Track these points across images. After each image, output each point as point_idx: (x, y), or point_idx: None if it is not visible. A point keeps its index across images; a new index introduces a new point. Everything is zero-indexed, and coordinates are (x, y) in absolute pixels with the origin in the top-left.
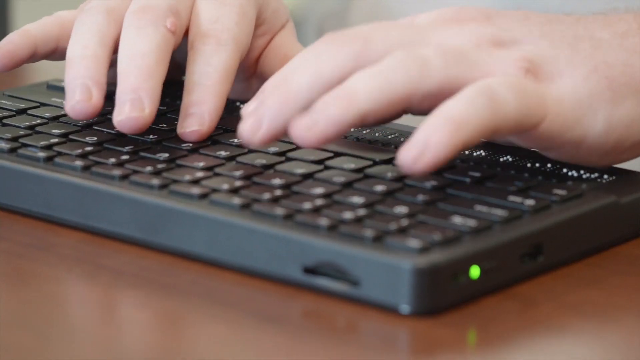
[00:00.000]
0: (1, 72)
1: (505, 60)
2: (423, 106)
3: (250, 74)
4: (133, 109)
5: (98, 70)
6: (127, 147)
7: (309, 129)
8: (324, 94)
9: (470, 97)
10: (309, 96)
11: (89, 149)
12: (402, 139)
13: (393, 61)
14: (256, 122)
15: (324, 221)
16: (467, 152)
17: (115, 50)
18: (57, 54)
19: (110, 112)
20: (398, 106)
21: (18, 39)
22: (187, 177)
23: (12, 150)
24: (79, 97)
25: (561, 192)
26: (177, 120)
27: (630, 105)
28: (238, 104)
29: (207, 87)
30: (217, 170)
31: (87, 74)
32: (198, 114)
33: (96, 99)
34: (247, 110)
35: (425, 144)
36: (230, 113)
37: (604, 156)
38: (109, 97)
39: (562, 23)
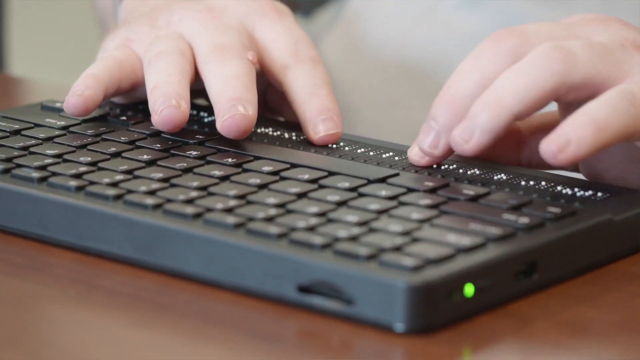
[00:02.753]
0: (79, 116)
1: None
2: (569, 98)
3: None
4: (237, 110)
5: (184, 91)
6: (121, 167)
7: (467, 141)
8: None
9: (614, 101)
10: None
11: (83, 169)
12: (396, 158)
13: (538, 56)
14: (433, 137)
15: (318, 240)
16: (461, 171)
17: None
18: (117, 93)
19: (104, 132)
20: (546, 100)
21: (93, 84)
22: (181, 197)
23: (6, 171)
24: (167, 104)
25: (555, 209)
26: (171, 141)
27: None
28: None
29: (325, 95)
30: (211, 189)
31: (174, 91)
32: (329, 118)
33: (184, 108)
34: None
35: (569, 139)
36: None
37: None
38: (105, 116)
39: None
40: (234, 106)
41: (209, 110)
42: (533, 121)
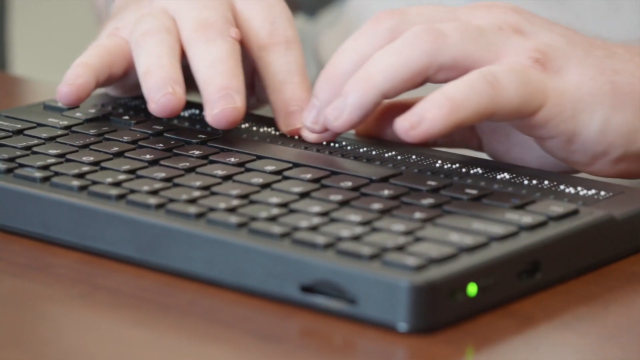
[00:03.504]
0: (72, 105)
1: (519, 47)
2: (439, 78)
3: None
4: (226, 102)
5: (176, 73)
6: (123, 167)
7: (337, 118)
8: None
9: (472, 81)
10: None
11: (85, 169)
12: (399, 157)
13: (409, 37)
14: (315, 113)
15: (320, 239)
16: (463, 170)
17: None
18: (109, 81)
19: (107, 132)
20: (415, 79)
21: (83, 72)
22: (184, 197)
23: (9, 171)
24: (164, 92)
25: (558, 209)
26: (173, 140)
27: (629, 114)
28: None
29: (297, 84)
30: (214, 189)
31: (167, 76)
32: (298, 110)
33: (179, 93)
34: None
35: (422, 117)
36: (228, 132)
37: (593, 159)
38: (107, 115)
39: (583, 35)
40: (223, 97)
41: None
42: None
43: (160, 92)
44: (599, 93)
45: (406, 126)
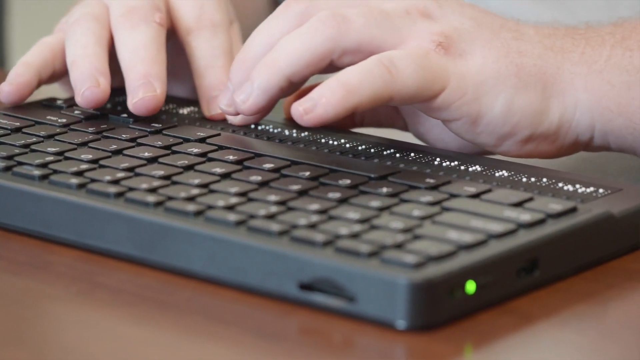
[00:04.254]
0: (15, 104)
1: (423, 31)
2: (344, 62)
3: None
4: (146, 90)
5: (101, 63)
6: (122, 165)
7: (244, 102)
8: None
9: (368, 66)
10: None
11: (84, 166)
12: (397, 155)
13: (314, 22)
14: (228, 95)
15: (319, 237)
16: (462, 168)
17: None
18: (54, 77)
19: (106, 130)
20: (319, 63)
21: (24, 71)
22: (183, 194)
23: (8, 169)
24: (88, 84)
25: (556, 206)
26: (172, 138)
27: (534, 96)
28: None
29: (221, 68)
30: (213, 187)
31: (92, 67)
32: (224, 94)
33: (104, 85)
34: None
35: (316, 102)
36: (226, 130)
37: (500, 140)
38: (103, 116)
39: (495, 16)
40: (142, 85)
41: None
42: None
43: (85, 85)
44: (502, 75)
45: (300, 111)
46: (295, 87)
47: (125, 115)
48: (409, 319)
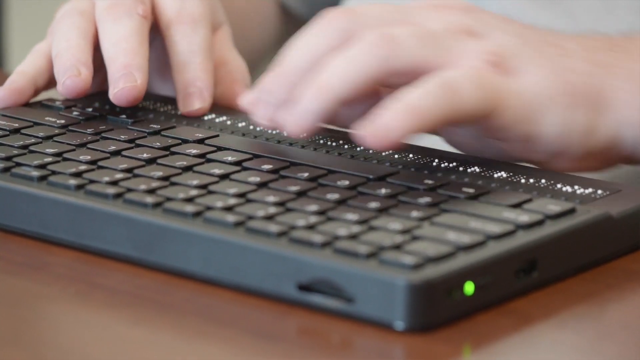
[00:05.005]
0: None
1: (473, 50)
2: (394, 82)
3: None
4: (126, 81)
5: (84, 55)
6: (120, 166)
7: (295, 123)
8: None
9: (431, 88)
10: (302, 74)
11: (82, 167)
12: (396, 156)
13: (365, 43)
14: (264, 106)
15: (318, 238)
16: (461, 169)
17: (96, 48)
18: (51, 83)
19: (104, 131)
20: (371, 84)
21: (19, 79)
22: (181, 195)
23: (6, 170)
24: (69, 74)
25: (555, 207)
26: (170, 139)
27: (585, 114)
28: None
29: (198, 64)
30: (211, 188)
31: (74, 58)
32: (197, 92)
33: (85, 75)
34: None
35: (383, 126)
36: (225, 131)
37: (553, 158)
38: (98, 117)
39: (536, 30)
40: (124, 76)
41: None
42: None
43: (66, 74)
44: (555, 94)
45: (366, 134)
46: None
47: (124, 116)
48: (408, 319)
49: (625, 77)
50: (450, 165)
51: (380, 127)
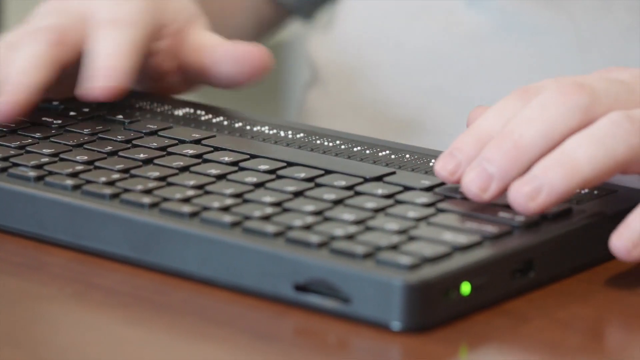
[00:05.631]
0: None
1: None
2: (635, 170)
3: (162, 72)
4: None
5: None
6: (117, 166)
7: (533, 198)
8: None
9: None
10: (539, 152)
11: (79, 168)
12: (392, 156)
13: (613, 126)
14: (486, 179)
15: (314, 238)
16: None
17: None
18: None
19: (101, 131)
20: (617, 171)
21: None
22: (178, 196)
23: (3, 170)
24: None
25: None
26: (167, 139)
27: None
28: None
29: (115, 52)
30: (208, 188)
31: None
32: (107, 75)
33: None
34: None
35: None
36: (221, 131)
37: None
38: (102, 117)
39: None
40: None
41: (205, 108)
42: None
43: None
44: None
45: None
46: None
47: (120, 116)
48: (404, 320)
49: None
50: None
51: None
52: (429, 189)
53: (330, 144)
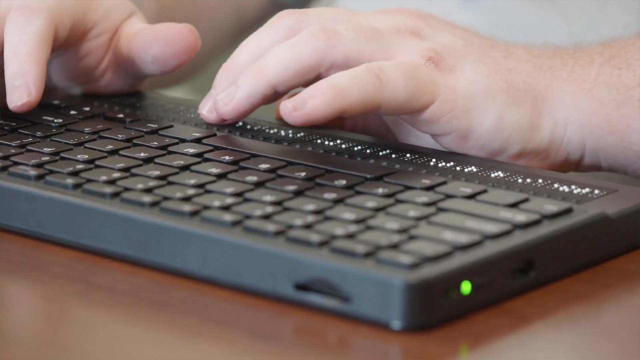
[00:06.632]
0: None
1: (413, 47)
2: (331, 74)
3: (102, 71)
4: None
5: None
6: (118, 165)
7: (226, 104)
8: None
9: (359, 73)
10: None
11: (80, 166)
12: (393, 155)
13: (304, 34)
14: (212, 103)
15: (315, 237)
16: (458, 169)
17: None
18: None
19: (102, 130)
20: (306, 74)
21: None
22: (178, 195)
23: (4, 169)
24: None
25: (552, 207)
26: (168, 138)
27: (524, 112)
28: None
29: (26, 56)
30: (208, 187)
31: None
32: (23, 86)
33: None
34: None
35: (305, 102)
36: (222, 130)
37: (491, 155)
38: (107, 117)
39: (485, 37)
40: None
41: None
42: None
43: None
44: (491, 91)
45: (289, 107)
46: (279, 96)
47: (121, 115)
48: (404, 319)
49: (570, 80)
50: (448, 164)
51: (300, 101)
52: (429, 188)
53: (331, 143)
